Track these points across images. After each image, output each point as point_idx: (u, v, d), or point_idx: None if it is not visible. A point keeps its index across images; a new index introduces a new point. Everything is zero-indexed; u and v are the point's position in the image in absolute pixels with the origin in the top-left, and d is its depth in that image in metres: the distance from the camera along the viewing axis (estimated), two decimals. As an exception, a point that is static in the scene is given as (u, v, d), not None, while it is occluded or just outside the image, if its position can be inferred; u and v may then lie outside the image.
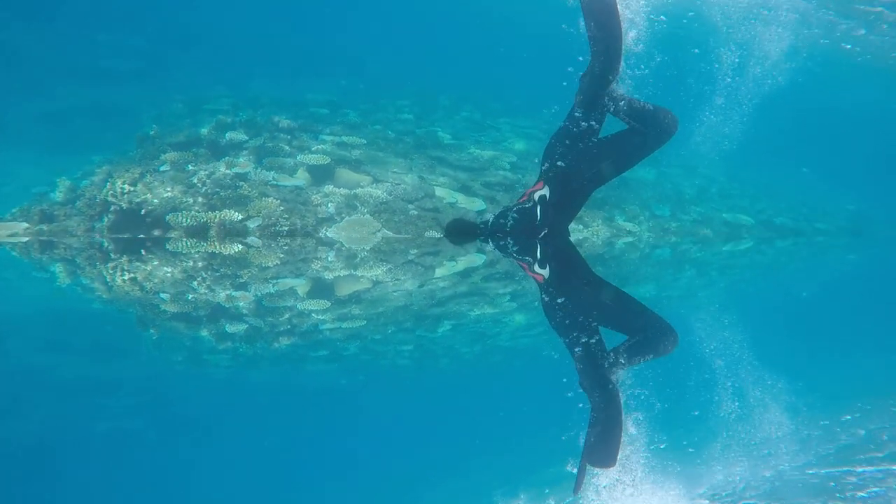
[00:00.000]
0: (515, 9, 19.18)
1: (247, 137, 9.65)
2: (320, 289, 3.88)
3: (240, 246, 4.00)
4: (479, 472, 2.40)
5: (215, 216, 7.39)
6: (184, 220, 7.22)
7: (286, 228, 7.51)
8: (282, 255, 3.95)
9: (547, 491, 2.30)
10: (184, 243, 3.91)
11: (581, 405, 2.76)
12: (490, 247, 5.58)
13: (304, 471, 2.33)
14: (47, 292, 3.67)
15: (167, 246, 3.83)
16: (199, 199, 7.69)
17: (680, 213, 12.22)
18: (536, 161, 11.78)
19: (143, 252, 3.81)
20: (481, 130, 13.14)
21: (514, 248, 5.58)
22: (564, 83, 5.83)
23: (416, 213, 8.72)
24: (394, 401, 2.95)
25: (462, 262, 4.40)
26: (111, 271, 3.68)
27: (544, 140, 14.10)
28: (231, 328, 3.47)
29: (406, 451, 2.50)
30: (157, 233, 7.23)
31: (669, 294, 5.28)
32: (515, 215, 6.11)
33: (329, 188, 8.76)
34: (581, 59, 5.68)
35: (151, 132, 9.38)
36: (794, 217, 14.99)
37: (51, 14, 15.06)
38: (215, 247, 3.93)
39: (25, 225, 7.50)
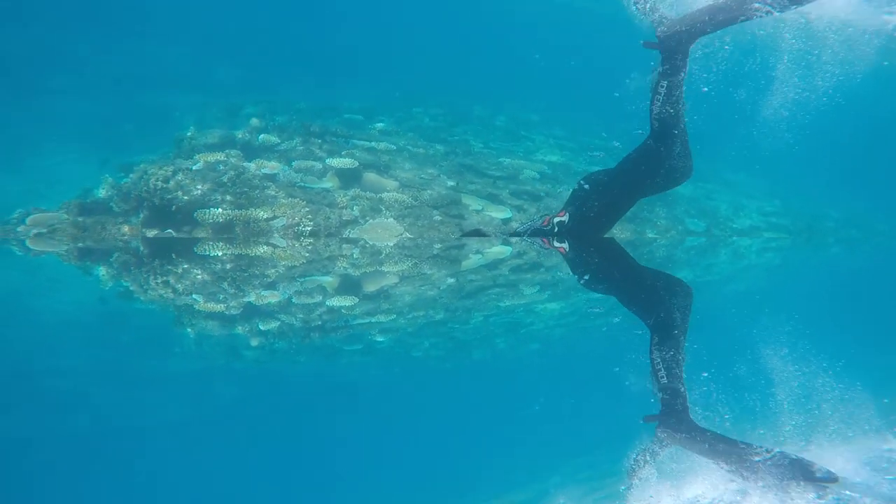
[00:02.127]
0: (555, 20, 19.15)
1: (279, 140, 9.86)
2: (348, 285, 3.92)
3: (265, 247, 4.09)
4: (528, 459, 2.37)
5: (241, 214, 7.56)
6: (210, 217, 7.41)
7: (309, 229, 7.62)
8: (307, 255, 4.01)
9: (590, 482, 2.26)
10: (211, 246, 4.00)
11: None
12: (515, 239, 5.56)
13: (344, 460, 2.34)
14: (94, 294, 3.83)
15: (195, 249, 3.95)
16: (228, 198, 7.88)
17: (715, 230, 11.89)
18: (570, 172, 11.66)
19: (173, 256, 3.93)
20: (515, 140, 13.12)
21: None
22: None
23: (440, 218, 8.73)
24: (428, 392, 2.94)
25: (489, 255, 4.39)
26: (145, 275, 3.79)
27: (577, 151, 13.97)
28: (264, 325, 3.54)
29: (442, 443, 2.49)
30: (186, 229, 7.44)
31: (707, 279, 5.12)
32: (529, 233, 6.20)
33: (355, 191, 8.86)
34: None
35: (188, 133, 9.69)
36: (838, 237, 14.42)
37: (103, 22, 15.76)
38: (241, 248, 4.01)
39: (64, 216, 7.82)
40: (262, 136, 9.88)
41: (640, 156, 5.80)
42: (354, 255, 4.12)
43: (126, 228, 7.02)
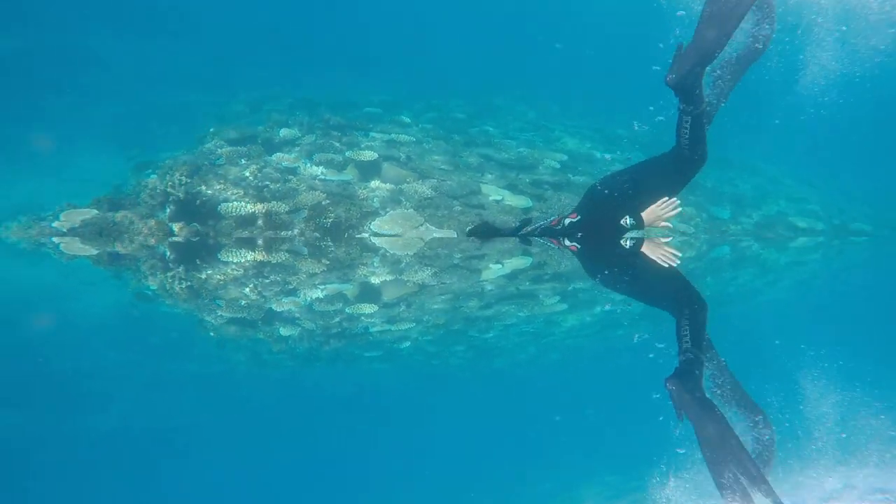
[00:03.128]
0: (576, 8, 18.98)
1: (300, 134, 9.97)
2: (368, 293, 3.98)
3: (287, 255, 4.18)
4: (557, 471, 2.36)
5: (263, 207, 7.68)
6: (234, 210, 7.54)
7: (331, 220, 7.71)
8: (328, 262, 4.09)
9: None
10: (234, 253, 4.11)
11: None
12: (533, 248, 5.50)
13: (365, 470, 2.37)
14: (124, 297, 3.94)
15: (219, 256, 4.05)
16: (250, 191, 8.01)
17: (741, 216, 11.71)
18: (591, 161, 11.58)
19: (198, 262, 4.04)
20: (535, 130, 13.07)
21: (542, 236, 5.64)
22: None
23: (460, 209, 8.76)
24: (450, 401, 2.96)
25: (508, 265, 4.40)
26: (171, 280, 3.91)
27: (597, 140, 13.90)
28: (285, 331, 3.62)
29: (466, 454, 2.49)
30: (210, 223, 7.59)
31: (729, 290, 5.02)
32: (539, 233, 6.18)
33: (376, 183, 8.93)
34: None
35: (211, 130, 9.86)
36: (872, 222, 14.07)
37: (127, 23, 16.09)
38: (263, 256, 4.12)
39: (95, 211, 8.03)
40: (282, 130, 10.00)
41: (664, 163, 5.75)
42: (374, 264, 4.17)
43: (153, 222, 7.18)
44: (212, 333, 3.59)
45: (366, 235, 4.51)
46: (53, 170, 12.49)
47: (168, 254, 4.14)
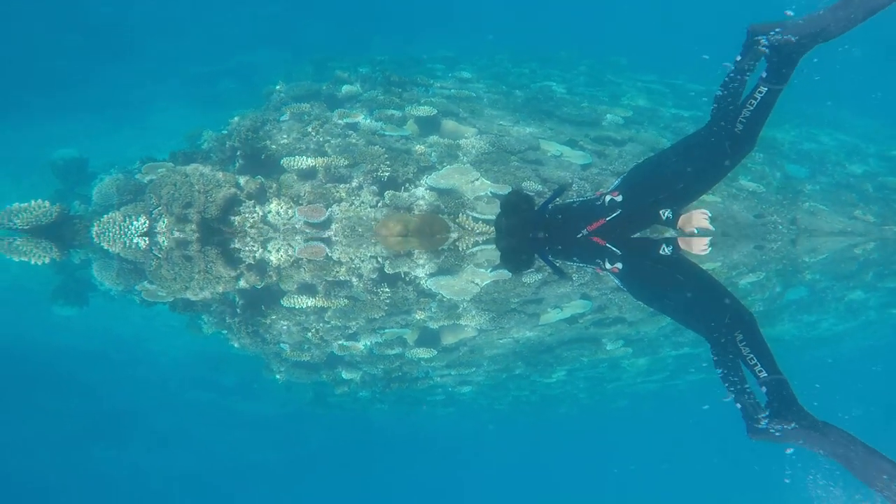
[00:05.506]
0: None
1: (361, 91, 10.13)
2: (427, 337, 4.02)
3: (346, 300, 4.31)
4: None
5: (324, 161, 7.92)
6: (296, 164, 7.83)
7: (387, 174, 7.87)
8: (386, 308, 4.18)
9: None
10: (295, 299, 4.29)
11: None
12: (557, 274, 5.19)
13: None
14: (197, 339, 4.18)
15: (282, 302, 4.24)
16: (311, 146, 8.27)
17: (820, 175, 11.03)
18: (656, 117, 11.14)
19: (263, 307, 4.25)
20: (600, 86, 12.69)
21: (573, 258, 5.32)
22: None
23: (517, 164, 8.72)
24: (514, 444, 2.98)
25: (568, 309, 4.34)
26: (238, 325, 4.07)
27: (667, 95, 13.33)
28: (347, 374, 3.77)
29: (528, 499, 2.48)
30: (274, 176, 7.91)
31: (808, 335, 4.57)
32: (577, 205, 5.84)
33: (434, 139, 9.00)
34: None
35: (277, 87, 10.17)
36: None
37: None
38: (323, 302, 4.27)
39: (171, 164, 8.53)
40: (345, 87, 10.18)
41: (703, 151, 5.43)
42: (432, 309, 4.23)
43: (220, 174, 7.55)
44: (277, 376, 3.77)
45: (422, 278, 4.53)
46: (138, 127, 13.27)
47: (237, 300, 4.36)
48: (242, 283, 4.46)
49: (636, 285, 4.11)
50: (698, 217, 5.10)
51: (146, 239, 6.91)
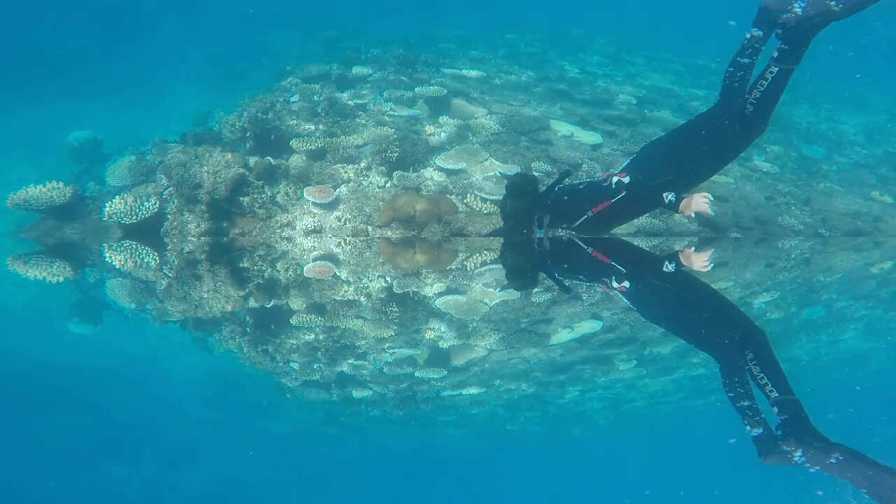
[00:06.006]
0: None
1: (371, 72, 10.12)
2: (437, 357, 4.02)
3: (354, 319, 4.33)
4: None
5: (332, 142, 7.95)
6: (304, 144, 7.87)
7: (396, 155, 7.88)
8: (395, 328, 4.19)
9: None
10: (304, 318, 4.32)
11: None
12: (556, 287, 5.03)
13: None
14: (208, 357, 4.21)
15: (291, 321, 4.27)
16: (321, 127, 8.30)
17: (838, 155, 10.82)
18: (671, 96, 10.96)
19: (272, 326, 4.28)
20: (615, 65, 12.52)
21: (580, 273, 5.23)
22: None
23: (526, 144, 8.67)
24: (526, 467, 2.94)
25: (578, 329, 4.29)
26: (248, 343, 4.12)
27: (683, 74, 13.11)
28: (357, 394, 3.76)
29: None
30: (284, 156, 7.97)
31: (827, 357, 4.38)
32: (583, 186, 5.66)
33: (443, 119, 8.97)
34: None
35: (287, 68, 10.20)
36: None
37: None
38: (332, 321, 4.29)
39: (181, 146, 8.63)
40: (355, 68, 10.18)
41: (711, 132, 5.33)
42: (441, 329, 4.21)
43: (229, 156, 7.61)
44: (288, 395, 3.82)
45: (430, 296, 4.53)
46: (155, 108, 13.40)
47: (247, 318, 4.39)
48: (252, 303, 4.53)
49: (645, 304, 4.09)
50: (698, 201, 5.04)
51: (157, 206, 7.05)
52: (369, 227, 7.21)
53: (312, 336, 4.05)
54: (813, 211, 8.58)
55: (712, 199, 5.23)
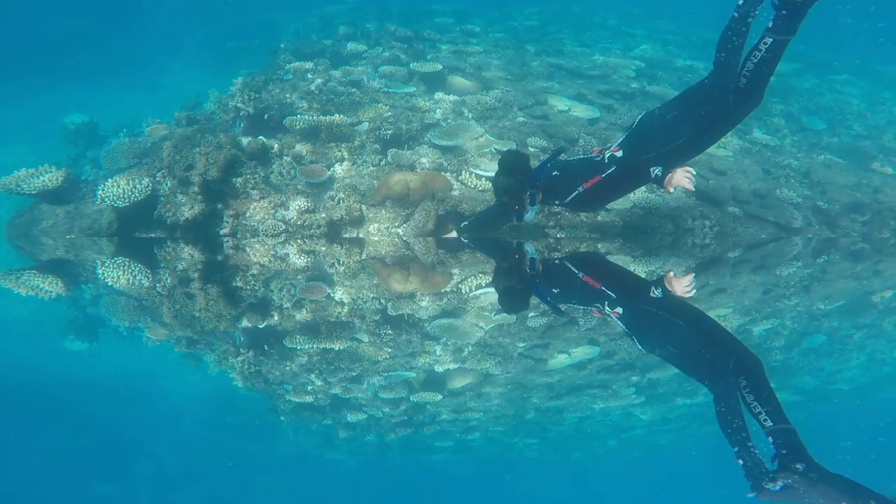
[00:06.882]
0: None
1: (366, 48, 10.00)
2: (432, 381, 3.97)
3: (350, 341, 4.28)
4: None
5: (326, 120, 7.90)
6: (298, 123, 7.82)
7: (390, 132, 7.82)
8: (390, 350, 4.15)
9: None
10: (298, 340, 4.27)
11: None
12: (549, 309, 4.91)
13: None
14: (205, 378, 4.18)
15: (284, 342, 4.22)
16: (314, 105, 8.24)
17: (840, 126, 10.66)
18: (670, 68, 10.79)
19: (265, 347, 4.24)
20: (614, 38, 12.32)
21: (575, 296, 5.13)
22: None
23: (523, 119, 8.59)
24: (527, 496, 2.91)
25: (576, 355, 4.24)
26: (241, 364, 4.06)
27: (682, 46, 12.89)
28: (352, 417, 3.73)
29: None
30: (278, 136, 7.92)
31: (835, 386, 4.28)
32: (576, 161, 5.67)
33: (439, 95, 8.89)
34: None
35: (282, 45, 10.10)
36: None
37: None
38: (326, 343, 4.24)
39: (174, 127, 8.60)
40: (350, 44, 10.06)
41: (704, 105, 5.25)
42: (437, 352, 4.17)
43: (222, 136, 7.57)
44: (282, 418, 3.79)
45: (425, 320, 4.48)
46: (152, 90, 13.33)
47: (241, 338, 4.35)
48: (245, 322, 4.52)
49: (638, 331, 4.06)
50: (680, 176, 4.99)
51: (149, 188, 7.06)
52: (363, 206, 7.19)
53: (306, 358, 4.00)
54: (812, 183, 8.48)
55: (695, 173, 5.17)
